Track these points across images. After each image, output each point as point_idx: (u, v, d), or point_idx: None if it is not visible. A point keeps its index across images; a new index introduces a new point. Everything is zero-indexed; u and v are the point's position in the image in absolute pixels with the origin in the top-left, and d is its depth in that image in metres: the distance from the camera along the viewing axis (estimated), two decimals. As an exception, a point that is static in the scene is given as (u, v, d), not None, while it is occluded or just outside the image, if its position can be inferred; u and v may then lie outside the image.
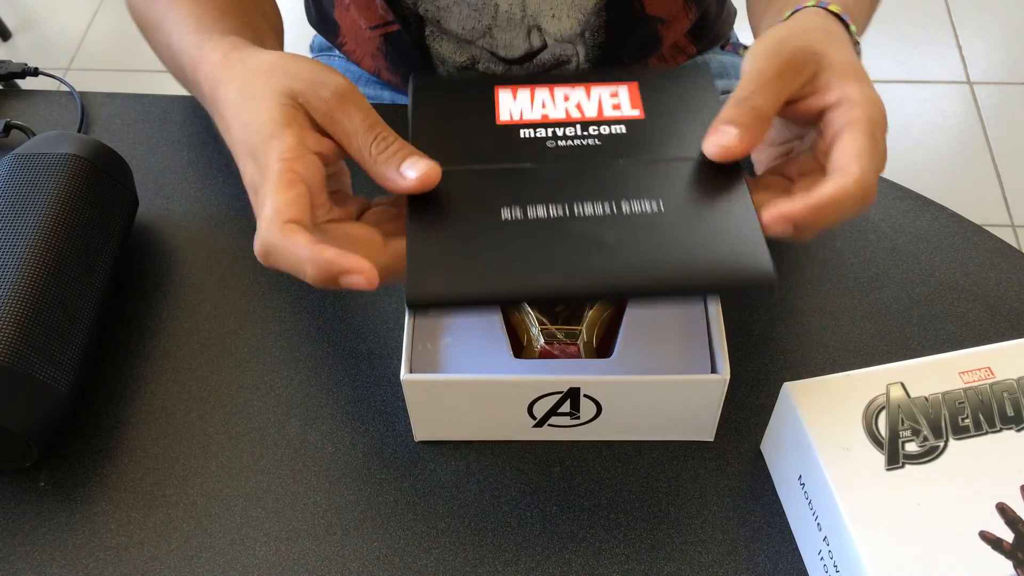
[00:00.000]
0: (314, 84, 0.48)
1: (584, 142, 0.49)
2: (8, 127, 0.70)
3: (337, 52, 0.87)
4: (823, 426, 0.48)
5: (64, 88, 0.74)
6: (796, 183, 0.49)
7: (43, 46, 2.00)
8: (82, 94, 0.74)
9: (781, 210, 0.45)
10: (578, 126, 0.50)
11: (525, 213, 0.46)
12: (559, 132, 0.50)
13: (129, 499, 0.55)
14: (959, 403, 0.49)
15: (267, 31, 0.62)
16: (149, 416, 0.58)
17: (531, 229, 0.45)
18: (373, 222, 0.49)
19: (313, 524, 0.53)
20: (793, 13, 0.54)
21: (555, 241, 0.44)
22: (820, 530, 0.48)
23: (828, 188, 0.45)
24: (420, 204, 0.46)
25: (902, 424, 0.48)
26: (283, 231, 0.43)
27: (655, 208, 0.46)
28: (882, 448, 0.48)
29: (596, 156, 0.49)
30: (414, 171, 0.46)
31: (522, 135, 0.50)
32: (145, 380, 0.59)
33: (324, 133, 0.48)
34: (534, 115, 0.51)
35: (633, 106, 0.51)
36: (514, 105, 0.51)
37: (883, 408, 0.49)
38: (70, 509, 0.54)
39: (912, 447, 0.48)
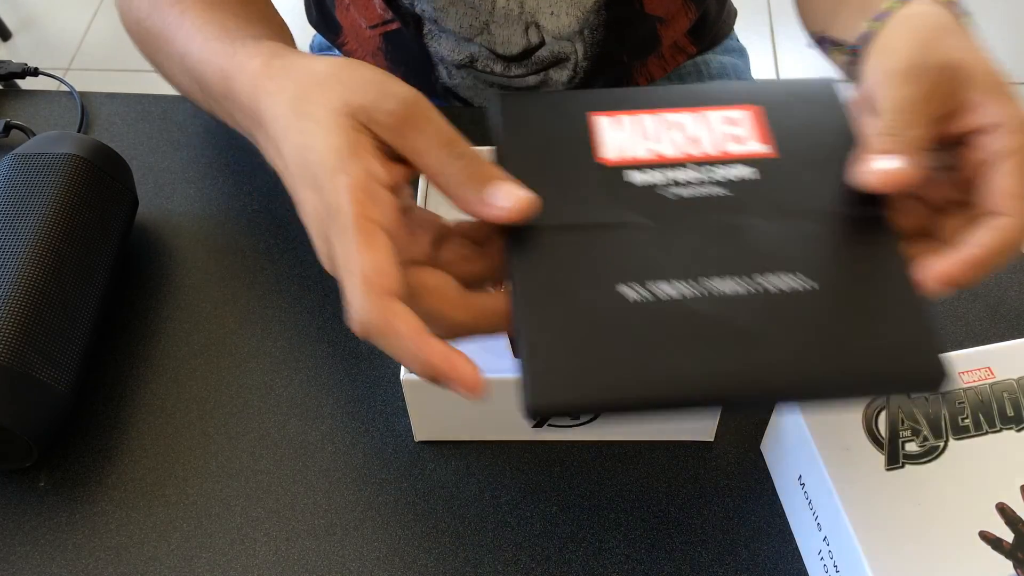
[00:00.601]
0: (378, 96, 0.41)
1: (708, 191, 0.41)
2: (8, 127, 0.70)
3: (338, 52, 0.87)
4: (823, 426, 0.48)
5: (64, 88, 0.74)
6: (941, 221, 0.43)
7: (43, 46, 2.00)
8: (82, 94, 0.74)
9: (940, 270, 0.40)
10: (698, 168, 0.42)
11: (652, 292, 0.39)
12: (676, 177, 0.42)
13: (129, 499, 0.55)
14: (959, 403, 0.49)
15: (290, 39, 0.59)
16: (149, 416, 0.58)
17: (661, 313, 0.38)
18: (450, 260, 0.42)
19: (313, 524, 0.53)
20: (894, 6, 0.47)
21: (690, 329, 0.38)
22: (820, 530, 0.48)
23: (987, 237, 0.40)
24: (525, 273, 0.40)
25: (902, 424, 0.48)
26: (383, 313, 0.38)
27: (802, 285, 0.39)
28: (882, 448, 0.48)
29: (725, 211, 0.41)
30: (506, 200, 0.40)
31: (631, 180, 0.42)
32: (145, 380, 0.59)
33: (392, 153, 0.42)
34: (641, 151, 0.43)
35: (761, 139, 0.43)
36: (616, 136, 0.43)
37: (883, 408, 0.49)
38: (70, 509, 0.54)
39: (912, 447, 0.48)
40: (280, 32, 0.59)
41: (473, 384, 0.38)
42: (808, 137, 0.43)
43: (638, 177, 0.42)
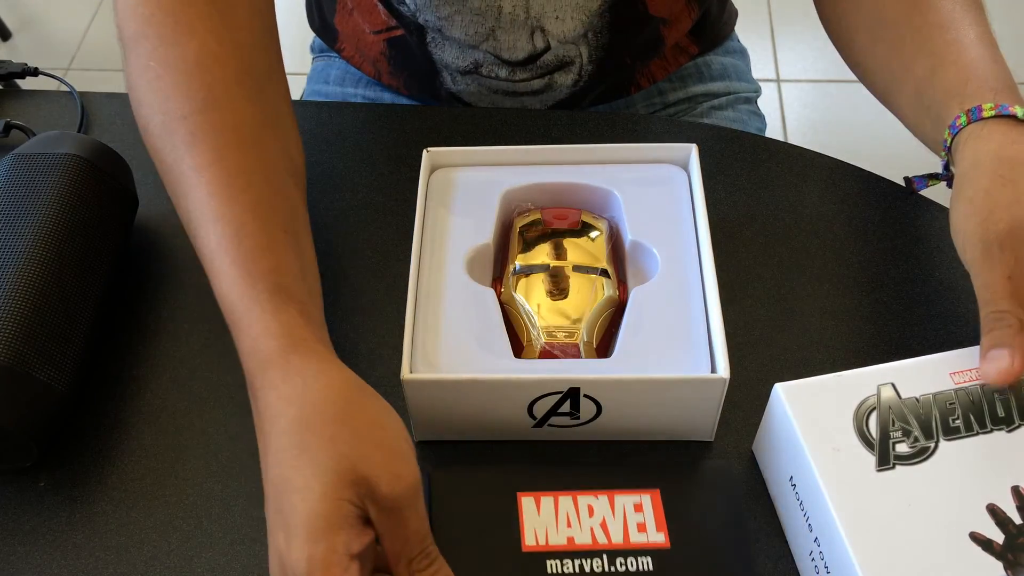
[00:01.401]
0: (385, 475, 0.41)
1: None
2: (8, 127, 0.70)
3: (336, 57, 0.87)
4: (814, 427, 0.48)
5: (64, 88, 0.74)
6: None
7: (43, 46, 2.00)
8: (82, 94, 0.74)
9: None
10: (605, 556, 0.49)
11: None
12: (586, 567, 0.48)
13: (129, 499, 0.55)
14: (950, 404, 0.49)
15: (300, 205, 0.53)
16: (149, 416, 0.58)
17: None
18: None
19: (313, 524, 0.53)
20: (967, 120, 0.49)
21: None
22: (811, 531, 0.48)
23: None
24: None
25: (893, 425, 0.48)
26: None
27: None
28: (873, 449, 0.48)
29: None
30: None
31: (549, 569, 0.48)
32: (145, 380, 0.59)
33: (368, 522, 0.41)
34: (560, 539, 0.49)
35: (658, 527, 0.50)
36: (538, 522, 0.50)
37: (874, 409, 0.49)
38: (70, 509, 0.54)
39: (903, 448, 0.48)
40: (294, 181, 0.54)
41: None
42: (701, 528, 0.50)
43: (556, 567, 0.48)
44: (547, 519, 0.50)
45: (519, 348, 0.55)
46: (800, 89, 1.88)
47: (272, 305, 0.46)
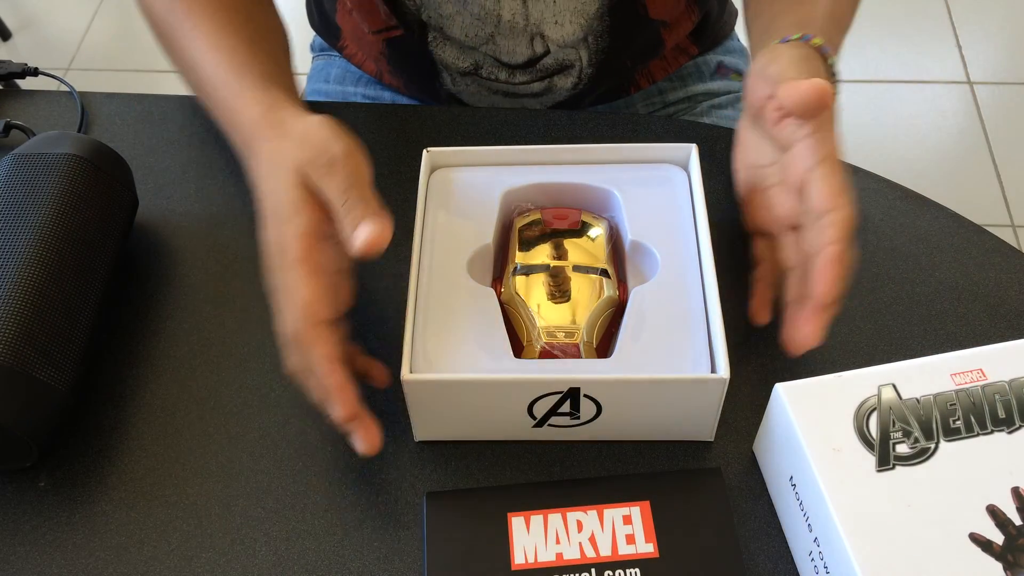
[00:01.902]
0: (315, 153, 0.52)
1: None
2: (8, 127, 0.70)
3: (337, 55, 0.87)
4: (814, 427, 0.48)
5: (64, 88, 0.74)
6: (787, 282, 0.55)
7: (43, 46, 2.00)
8: (82, 94, 0.74)
9: (818, 290, 0.50)
10: (593, 570, 0.49)
11: None
12: None
13: (129, 499, 0.55)
14: (950, 405, 0.49)
15: (286, 45, 0.66)
16: (149, 416, 0.58)
17: None
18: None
19: (313, 524, 0.53)
20: (779, 43, 0.58)
21: None
22: (811, 531, 0.48)
23: (829, 232, 0.50)
24: None
25: (893, 426, 0.48)
26: (313, 330, 0.49)
27: None
28: (873, 449, 0.48)
29: None
30: (362, 232, 0.50)
31: None
32: (145, 380, 0.59)
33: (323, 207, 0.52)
34: (548, 555, 0.50)
35: (647, 538, 0.50)
36: (528, 540, 0.51)
37: (874, 409, 0.49)
38: (70, 509, 0.54)
39: (903, 449, 0.48)
40: (281, 44, 0.66)
41: (370, 449, 0.50)
42: (689, 535, 0.51)
43: None
44: (536, 537, 0.51)
45: (519, 348, 0.55)
46: (800, 89, 1.88)
47: (259, 83, 0.59)
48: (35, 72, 0.76)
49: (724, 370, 0.51)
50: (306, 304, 0.49)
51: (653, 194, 0.60)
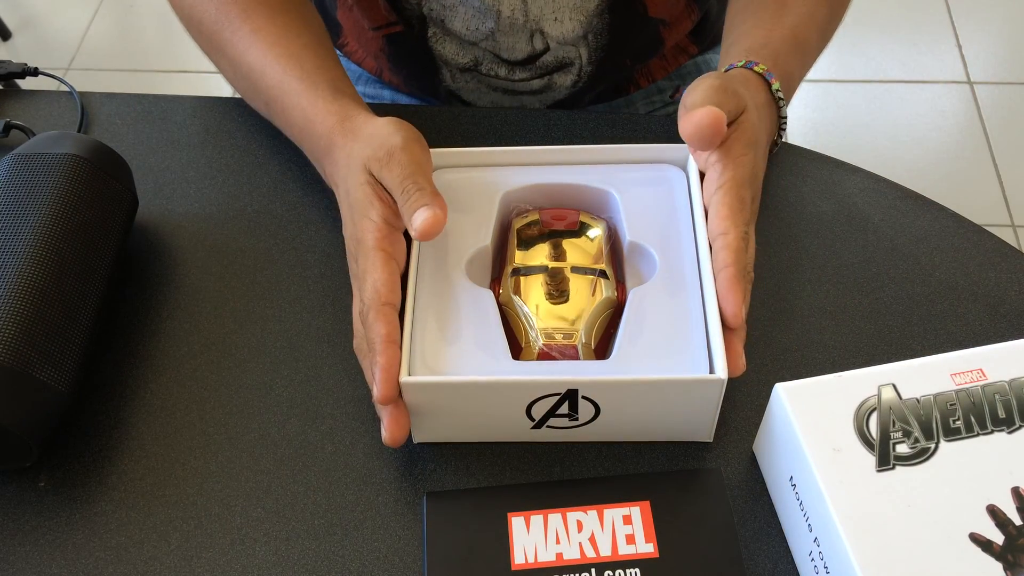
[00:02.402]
0: (377, 149, 0.56)
1: None
2: (8, 127, 0.70)
3: (338, 52, 0.87)
4: (814, 427, 0.48)
5: (64, 88, 0.74)
6: None
7: (43, 46, 2.00)
8: (82, 94, 0.74)
9: (725, 305, 0.52)
10: (593, 570, 0.50)
11: None
12: None
13: (129, 499, 0.55)
14: (950, 405, 0.49)
15: (333, 52, 0.67)
16: (149, 416, 0.58)
17: None
18: None
19: (313, 524, 0.53)
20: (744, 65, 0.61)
21: None
22: (811, 531, 0.48)
23: (722, 254, 0.53)
24: None
25: (893, 426, 0.48)
26: (380, 311, 0.52)
27: None
28: (873, 449, 0.48)
29: None
30: (418, 218, 0.53)
31: None
32: (145, 380, 0.59)
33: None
34: (548, 555, 0.50)
35: (647, 538, 0.51)
36: (528, 540, 0.51)
37: (874, 409, 0.49)
38: (70, 509, 0.54)
39: (903, 449, 0.48)
40: (330, 45, 0.68)
41: (395, 441, 0.52)
42: (689, 535, 0.51)
43: None
44: (536, 537, 0.51)
45: (517, 350, 0.55)
46: (800, 89, 1.88)
47: (329, 93, 0.62)
48: (35, 72, 0.76)
49: (722, 370, 0.51)
50: (377, 286, 0.52)
51: (651, 195, 0.60)
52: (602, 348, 0.55)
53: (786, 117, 0.64)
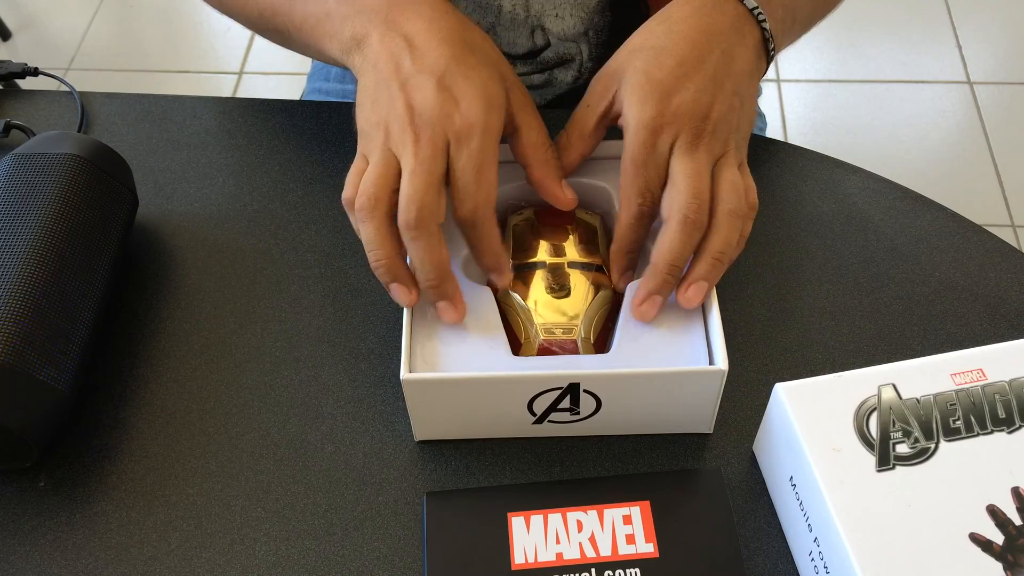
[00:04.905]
0: (516, 80, 0.56)
1: None
2: (8, 127, 0.70)
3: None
4: (814, 427, 0.48)
5: (64, 88, 0.74)
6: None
7: (43, 46, 2.00)
8: (82, 94, 0.74)
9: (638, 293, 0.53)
10: (593, 570, 0.49)
11: None
12: None
13: (129, 499, 0.55)
14: (951, 405, 0.49)
15: None
16: (149, 416, 0.58)
17: None
18: None
19: (313, 524, 0.53)
20: None
21: None
22: (811, 531, 0.48)
23: (619, 230, 0.54)
24: None
25: (893, 426, 0.48)
26: (490, 219, 0.52)
27: None
28: (873, 449, 0.48)
29: None
30: (570, 193, 0.56)
31: None
32: (145, 380, 0.59)
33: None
34: (548, 555, 0.50)
35: (647, 538, 0.51)
36: (528, 540, 0.51)
37: (874, 409, 0.49)
38: (70, 509, 0.54)
39: (903, 448, 0.48)
40: None
41: (455, 319, 0.53)
42: (688, 535, 0.51)
43: None
44: (536, 537, 0.51)
45: (516, 346, 0.55)
46: (800, 89, 1.88)
47: None
48: (35, 72, 0.76)
49: (722, 362, 0.51)
50: (490, 197, 0.52)
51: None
52: (601, 342, 0.55)
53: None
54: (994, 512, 0.46)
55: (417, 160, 0.50)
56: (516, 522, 0.51)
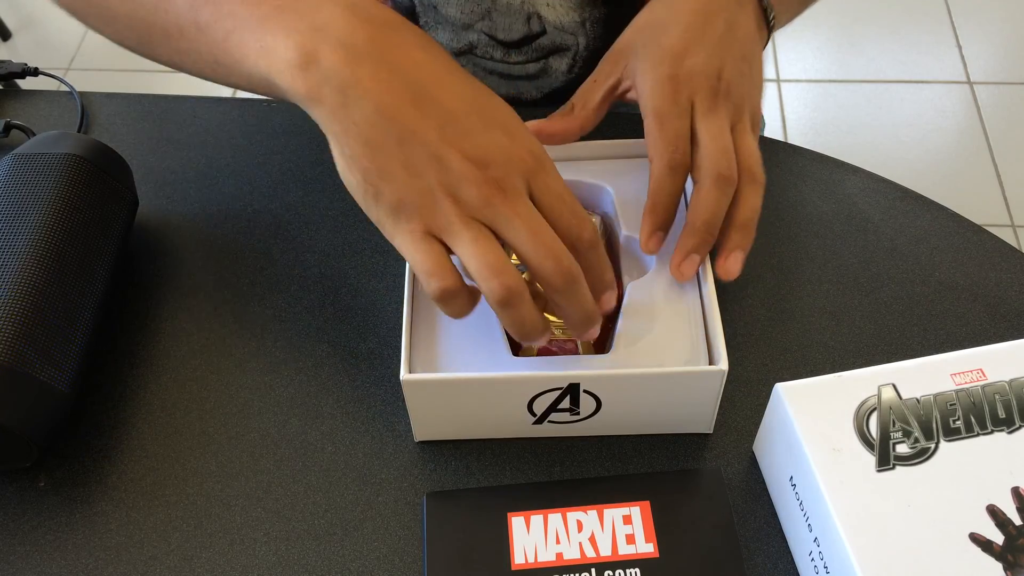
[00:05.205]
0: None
1: None
2: (8, 127, 0.70)
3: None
4: (814, 427, 0.48)
5: (64, 88, 0.74)
6: None
7: (43, 46, 2.00)
8: (82, 94, 0.74)
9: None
10: (593, 570, 0.50)
11: None
12: None
13: (129, 499, 0.55)
14: (951, 405, 0.49)
15: None
16: (149, 416, 0.58)
17: None
18: None
19: (313, 524, 0.53)
20: None
21: None
22: (811, 531, 0.48)
23: (651, 183, 0.53)
24: None
25: (893, 426, 0.48)
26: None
27: None
28: (873, 449, 0.48)
29: None
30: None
31: None
32: (145, 380, 0.59)
33: None
34: (548, 555, 0.50)
35: (647, 538, 0.51)
36: (528, 540, 0.51)
37: (874, 409, 0.49)
38: (70, 509, 0.54)
39: (903, 448, 0.48)
40: None
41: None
42: (688, 535, 0.51)
43: None
44: (536, 537, 0.51)
45: (516, 347, 0.55)
46: (800, 89, 1.88)
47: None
48: (35, 72, 0.76)
49: (722, 361, 0.51)
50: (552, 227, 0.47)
51: (646, 188, 0.60)
52: (600, 342, 0.55)
53: None
54: (994, 512, 0.46)
55: (521, 219, 0.45)
56: (516, 522, 0.51)
